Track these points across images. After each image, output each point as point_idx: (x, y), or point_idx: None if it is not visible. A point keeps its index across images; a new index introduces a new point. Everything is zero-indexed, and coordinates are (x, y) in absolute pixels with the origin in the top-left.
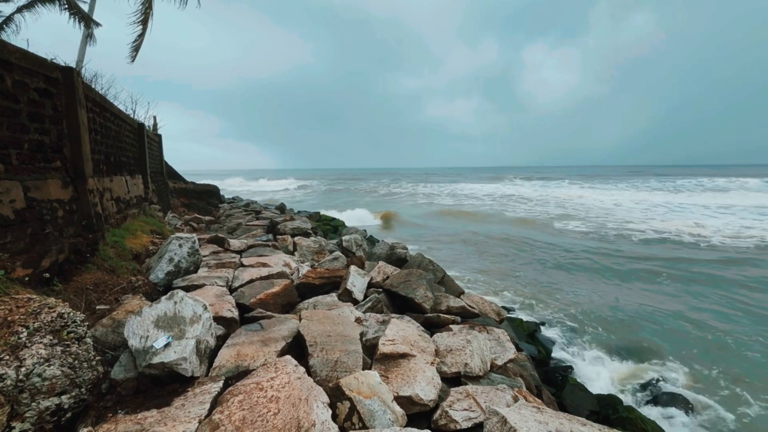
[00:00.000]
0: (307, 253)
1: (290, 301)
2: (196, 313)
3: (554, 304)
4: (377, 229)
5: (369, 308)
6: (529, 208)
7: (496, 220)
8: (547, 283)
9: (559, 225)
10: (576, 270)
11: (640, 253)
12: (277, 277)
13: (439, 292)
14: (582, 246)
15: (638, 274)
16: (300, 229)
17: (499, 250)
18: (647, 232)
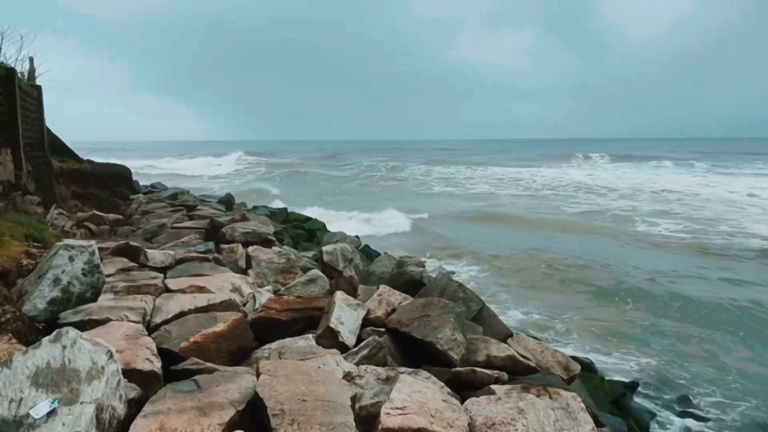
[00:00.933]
0: (269, 272)
1: (242, 345)
2: (96, 365)
3: (649, 350)
4: (376, 237)
5: (365, 358)
6: (613, 205)
7: (557, 227)
8: (633, 319)
9: (658, 234)
10: (694, 306)
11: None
12: (222, 308)
13: (475, 334)
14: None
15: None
16: (257, 235)
17: (560, 271)
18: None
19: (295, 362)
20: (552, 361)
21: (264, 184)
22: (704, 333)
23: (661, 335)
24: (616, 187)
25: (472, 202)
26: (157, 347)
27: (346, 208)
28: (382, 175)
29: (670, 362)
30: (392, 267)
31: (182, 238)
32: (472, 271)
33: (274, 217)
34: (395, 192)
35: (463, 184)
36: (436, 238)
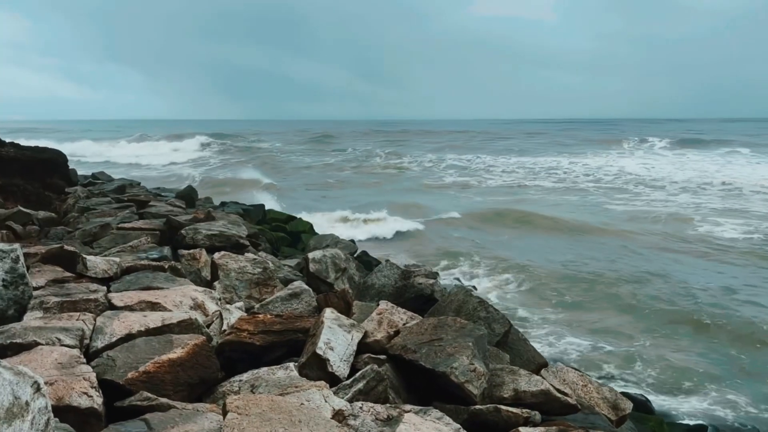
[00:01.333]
0: (240, 285)
1: (205, 376)
2: (18, 400)
3: (725, 389)
4: (375, 241)
5: (360, 392)
6: (672, 201)
7: (597, 230)
8: (700, 350)
9: (726, 239)
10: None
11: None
12: (180, 330)
13: (500, 364)
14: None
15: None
16: (226, 238)
17: (605, 285)
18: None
19: (272, 398)
20: (597, 397)
21: (238, 174)
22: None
23: (739, 369)
24: (677, 179)
25: (493, 197)
26: (97, 378)
27: (334, 206)
28: (380, 163)
29: (750, 404)
30: (396, 278)
31: (131, 241)
32: (494, 286)
33: (248, 216)
34: (395, 185)
35: (480, 175)
36: (447, 244)
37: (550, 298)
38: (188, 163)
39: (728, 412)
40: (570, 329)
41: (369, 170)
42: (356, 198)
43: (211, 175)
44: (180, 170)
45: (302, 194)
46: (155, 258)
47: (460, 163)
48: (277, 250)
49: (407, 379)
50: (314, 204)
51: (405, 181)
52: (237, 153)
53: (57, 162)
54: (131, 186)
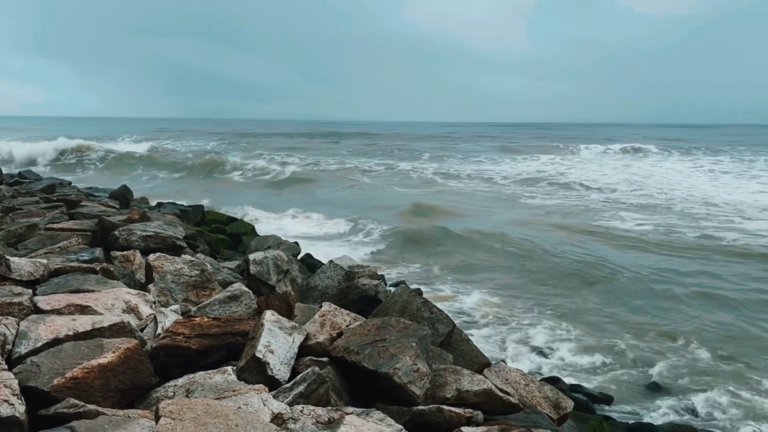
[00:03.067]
0: (176, 287)
1: (138, 381)
2: None
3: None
4: (320, 243)
5: (301, 396)
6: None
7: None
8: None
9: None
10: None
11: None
12: (112, 334)
13: (443, 364)
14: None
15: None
16: (161, 239)
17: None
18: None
19: (208, 401)
20: (539, 396)
21: (175, 174)
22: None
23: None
24: (597, 182)
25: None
26: (20, 385)
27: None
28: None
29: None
30: (339, 280)
31: (60, 242)
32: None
33: (186, 216)
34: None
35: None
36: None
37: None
38: (128, 162)
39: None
40: (509, 323)
41: (304, 170)
42: (296, 197)
43: (149, 173)
44: (115, 169)
45: (242, 191)
46: (86, 260)
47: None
48: (217, 251)
49: (350, 381)
50: (251, 200)
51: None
52: (181, 153)
53: None
54: (61, 185)
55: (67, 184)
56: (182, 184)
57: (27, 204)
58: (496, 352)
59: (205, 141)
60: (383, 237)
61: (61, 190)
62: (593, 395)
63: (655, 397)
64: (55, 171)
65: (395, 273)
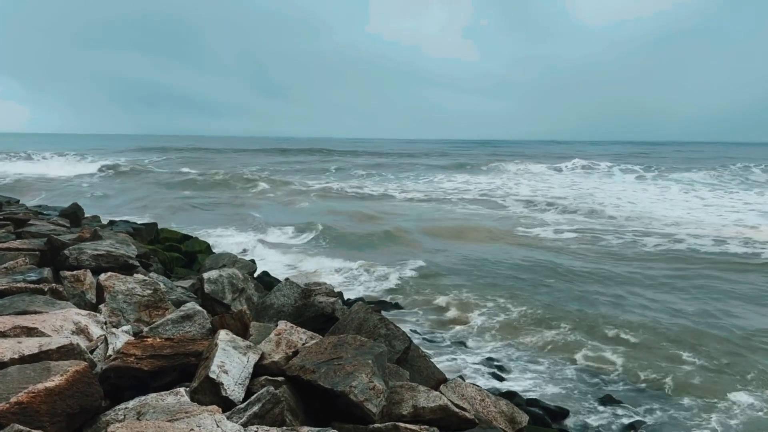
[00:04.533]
0: (128, 307)
1: (86, 405)
2: None
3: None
4: (276, 261)
5: (256, 416)
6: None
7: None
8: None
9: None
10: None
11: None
12: (60, 356)
13: (400, 381)
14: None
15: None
16: (113, 258)
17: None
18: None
19: (159, 424)
20: (494, 411)
21: (127, 190)
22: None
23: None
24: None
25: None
26: None
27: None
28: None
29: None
30: (296, 298)
31: (6, 263)
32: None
33: (140, 234)
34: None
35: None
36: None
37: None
38: (80, 178)
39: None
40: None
41: (261, 187)
42: (251, 214)
43: (100, 190)
44: (68, 186)
45: (197, 210)
46: (33, 280)
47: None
48: (171, 270)
49: (306, 400)
50: (208, 220)
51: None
52: (135, 170)
53: None
54: (8, 203)
55: (15, 202)
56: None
57: None
58: (453, 368)
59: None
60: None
61: (8, 208)
62: (549, 409)
63: (609, 410)
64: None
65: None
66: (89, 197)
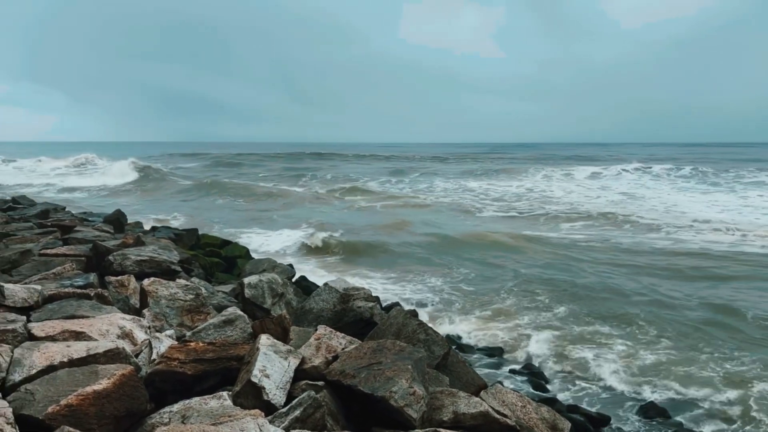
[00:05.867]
0: (171, 312)
1: (133, 408)
2: None
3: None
4: (314, 265)
5: (297, 420)
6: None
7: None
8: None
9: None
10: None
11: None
12: (107, 360)
13: (440, 386)
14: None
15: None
16: (156, 264)
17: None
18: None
19: (204, 428)
20: (536, 418)
21: (165, 198)
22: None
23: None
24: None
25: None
26: (14, 414)
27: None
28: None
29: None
30: (334, 302)
31: (54, 268)
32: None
33: (181, 240)
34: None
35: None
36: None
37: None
38: (122, 186)
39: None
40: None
41: (305, 194)
42: (295, 220)
43: (140, 196)
44: (107, 196)
45: (236, 215)
46: (80, 285)
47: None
48: (211, 275)
49: (346, 404)
50: (247, 224)
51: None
52: (171, 177)
53: None
54: (55, 210)
55: (61, 209)
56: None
57: (21, 230)
58: (491, 374)
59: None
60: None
61: (55, 215)
62: (590, 416)
63: (651, 417)
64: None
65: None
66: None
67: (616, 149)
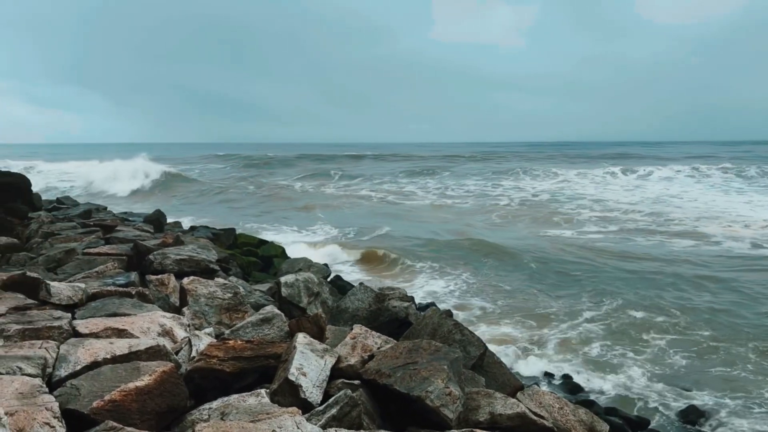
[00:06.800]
0: (210, 310)
1: (174, 404)
2: None
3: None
4: (350, 266)
5: (334, 419)
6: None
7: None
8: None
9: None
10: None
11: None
12: (148, 356)
13: (476, 387)
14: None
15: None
16: (195, 263)
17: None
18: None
19: (243, 425)
20: (573, 420)
21: (202, 198)
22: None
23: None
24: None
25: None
26: (60, 408)
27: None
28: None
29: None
30: (370, 302)
31: (97, 267)
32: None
33: (219, 240)
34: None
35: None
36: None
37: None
38: (158, 186)
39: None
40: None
41: (336, 193)
42: (325, 220)
43: (180, 195)
44: (148, 197)
45: (271, 214)
46: (122, 284)
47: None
48: (249, 274)
49: (382, 404)
50: (281, 221)
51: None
52: (209, 176)
53: (20, 186)
54: (97, 210)
55: (103, 209)
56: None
57: (65, 229)
58: (528, 375)
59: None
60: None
61: (97, 215)
62: (630, 419)
63: (692, 421)
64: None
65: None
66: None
67: (664, 149)
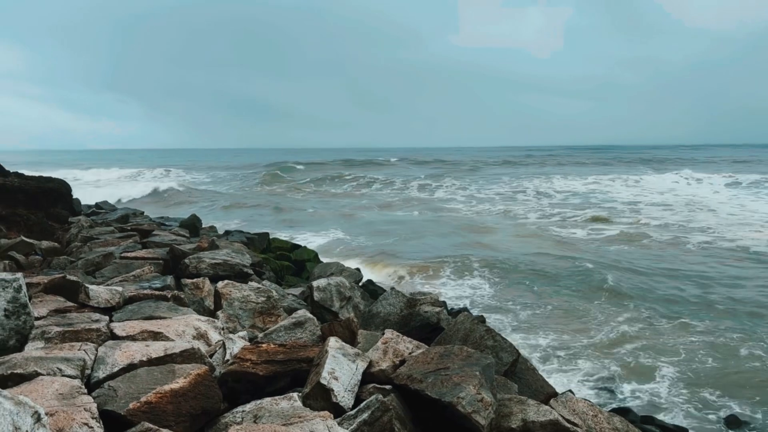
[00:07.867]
0: (243, 314)
1: (208, 407)
2: (19, 430)
3: None
4: (379, 272)
5: (365, 423)
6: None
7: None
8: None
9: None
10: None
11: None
12: (183, 359)
13: (508, 393)
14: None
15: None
16: (229, 267)
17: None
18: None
19: (276, 428)
20: (607, 428)
21: (237, 202)
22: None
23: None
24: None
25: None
26: (98, 409)
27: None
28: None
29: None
30: (401, 307)
31: (134, 271)
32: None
33: (253, 244)
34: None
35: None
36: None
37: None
38: (202, 191)
39: None
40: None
41: (378, 197)
42: (359, 225)
43: (217, 202)
44: (187, 199)
45: (304, 219)
46: (158, 287)
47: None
48: (282, 278)
49: (413, 409)
50: (317, 226)
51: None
52: (243, 180)
53: (61, 192)
54: (134, 215)
55: (140, 214)
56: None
57: (103, 234)
58: (559, 383)
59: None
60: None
61: (134, 220)
62: (666, 427)
63: (734, 431)
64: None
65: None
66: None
67: (704, 152)
